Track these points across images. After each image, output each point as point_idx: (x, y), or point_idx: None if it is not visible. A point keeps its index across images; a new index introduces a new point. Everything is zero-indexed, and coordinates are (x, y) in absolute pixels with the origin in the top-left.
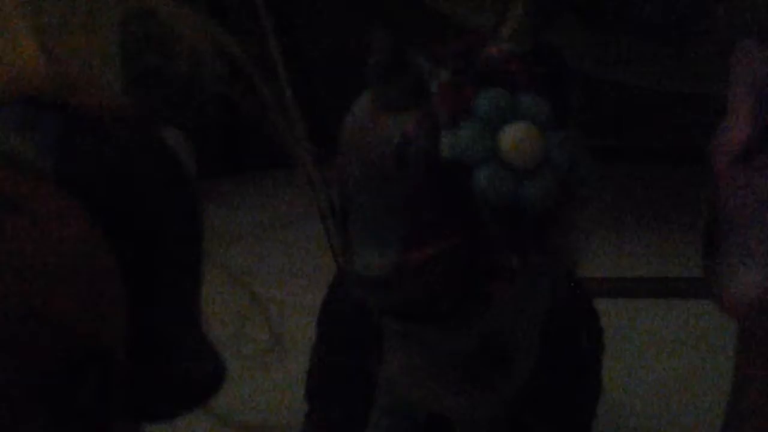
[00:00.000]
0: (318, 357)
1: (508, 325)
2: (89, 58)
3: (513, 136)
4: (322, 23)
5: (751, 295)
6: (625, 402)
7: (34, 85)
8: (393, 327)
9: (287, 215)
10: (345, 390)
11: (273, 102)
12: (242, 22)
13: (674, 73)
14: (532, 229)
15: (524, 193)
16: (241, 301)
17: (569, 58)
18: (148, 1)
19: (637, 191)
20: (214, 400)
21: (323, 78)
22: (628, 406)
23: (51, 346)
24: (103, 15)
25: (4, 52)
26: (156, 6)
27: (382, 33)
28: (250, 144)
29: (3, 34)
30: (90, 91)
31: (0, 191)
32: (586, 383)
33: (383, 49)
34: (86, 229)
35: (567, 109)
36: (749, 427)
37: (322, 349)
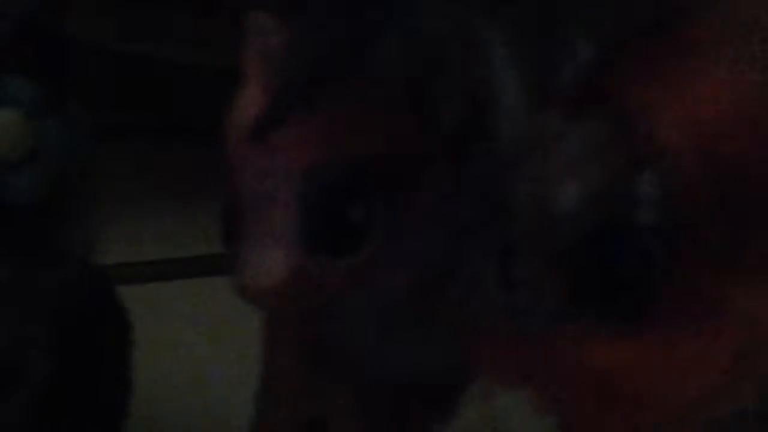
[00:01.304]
0: None
1: (6, 338)
2: None
3: None
4: None
5: (270, 281)
6: (163, 394)
7: None
8: None
9: None
10: None
11: None
12: None
13: (198, 45)
14: (27, 227)
15: (10, 187)
16: None
17: (85, 30)
18: None
19: (159, 170)
20: None
21: None
22: (166, 398)
23: None
24: None
25: None
26: None
27: None
28: None
29: None
30: None
31: None
32: (113, 383)
33: None
34: None
35: (66, 91)
36: (277, 416)
37: None
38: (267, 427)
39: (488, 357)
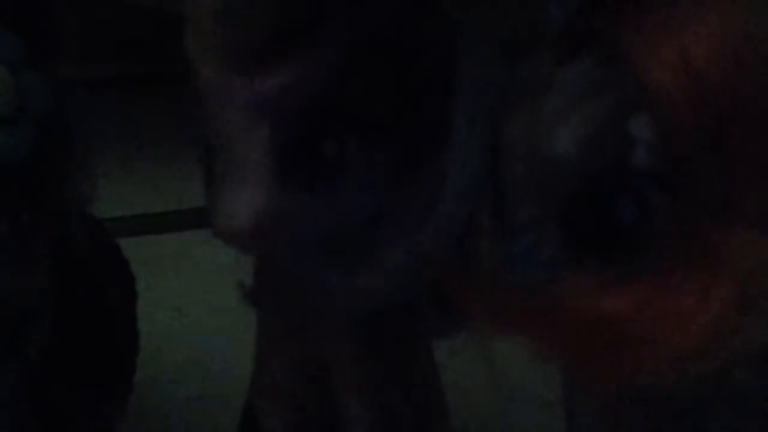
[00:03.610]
0: None
1: (5, 291)
2: None
3: None
4: None
5: (243, 221)
6: (162, 346)
7: None
8: None
9: None
10: None
11: None
12: None
13: None
14: (22, 183)
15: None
16: None
17: None
18: None
19: (144, 121)
20: None
21: None
22: (165, 349)
23: None
24: None
25: None
26: None
27: None
28: None
29: None
30: None
31: None
32: (119, 337)
33: None
34: None
35: (48, 46)
36: (277, 362)
37: None
38: (267, 374)
39: (488, 306)
